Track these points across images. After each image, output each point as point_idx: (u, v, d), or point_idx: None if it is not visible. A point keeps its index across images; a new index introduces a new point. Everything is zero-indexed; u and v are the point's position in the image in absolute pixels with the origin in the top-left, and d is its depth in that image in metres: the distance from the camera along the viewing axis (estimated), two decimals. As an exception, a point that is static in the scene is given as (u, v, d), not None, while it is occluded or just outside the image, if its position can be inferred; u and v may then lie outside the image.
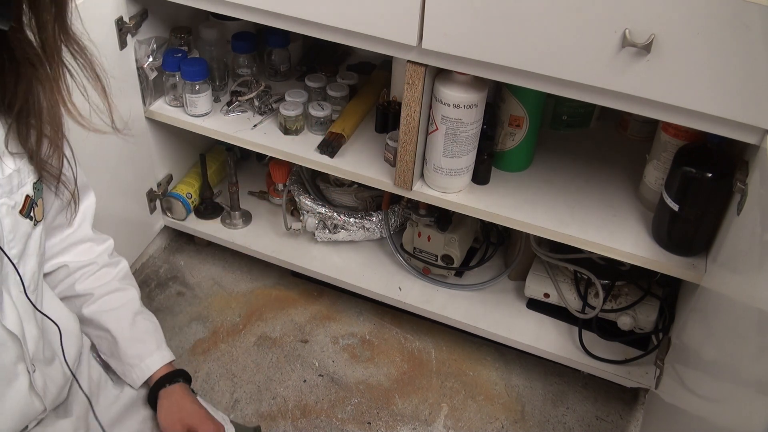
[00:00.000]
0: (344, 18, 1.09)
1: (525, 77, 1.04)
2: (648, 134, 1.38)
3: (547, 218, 1.22)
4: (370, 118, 1.42)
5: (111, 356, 0.96)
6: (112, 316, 0.94)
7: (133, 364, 0.94)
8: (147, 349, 0.95)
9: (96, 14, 1.23)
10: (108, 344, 0.95)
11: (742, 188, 0.98)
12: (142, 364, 0.95)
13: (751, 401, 0.67)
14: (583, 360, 1.36)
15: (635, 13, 0.91)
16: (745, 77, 0.90)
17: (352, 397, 1.42)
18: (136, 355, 0.95)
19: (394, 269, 1.53)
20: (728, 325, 0.87)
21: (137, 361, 0.94)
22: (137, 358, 0.95)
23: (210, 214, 1.63)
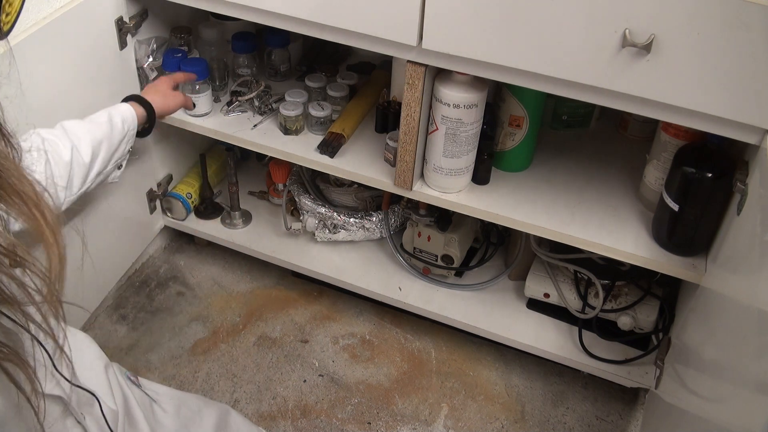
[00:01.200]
0: (344, 18, 1.09)
1: (525, 77, 1.04)
2: (648, 134, 1.38)
3: (547, 218, 1.22)
4: (370, 118, 1.42)
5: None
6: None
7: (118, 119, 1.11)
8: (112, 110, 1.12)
9: (96, 14, 1.23)
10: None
11: (742, 188, 0.98)
12: (119, 113, 1.12)
13: (751, 401, 0.67)
14: (583, 360, 1.36)
15: (635, 13, 0.91)
16: (745, 77, 0.90)
17: (352, 397, 1.42)
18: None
19: (394, 269, 1.53)
20: (728, 325, 0.87)
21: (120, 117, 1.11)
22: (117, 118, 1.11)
23: (210, 214, 1.63)
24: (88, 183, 1.06)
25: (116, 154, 1.12)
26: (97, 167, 1.07)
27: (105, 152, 1.08)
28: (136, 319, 1.55)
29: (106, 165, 1.10)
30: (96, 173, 1.07)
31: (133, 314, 1.56)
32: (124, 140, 1.13)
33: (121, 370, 0.95)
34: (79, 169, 1.03)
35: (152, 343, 1.50)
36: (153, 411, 0.95)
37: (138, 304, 1.58)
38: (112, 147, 1.10)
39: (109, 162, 1.10)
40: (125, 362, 1.45)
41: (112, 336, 1.51)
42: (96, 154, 1.06)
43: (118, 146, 1.11)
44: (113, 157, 1.11)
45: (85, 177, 1.05)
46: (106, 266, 1.49)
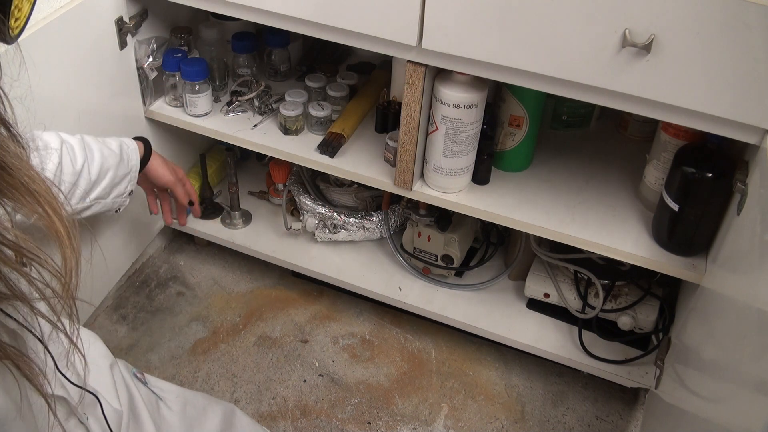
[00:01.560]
0: (344, 18, 1.09)
1: (525, 77, 1.04)
2: (648, 134, 1.38)
3: (547, 218, 1.22)
4: (370, 118, 1.42)
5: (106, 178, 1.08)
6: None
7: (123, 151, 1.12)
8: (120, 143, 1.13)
9: (96, 14, 1.23)
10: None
11: (742, 188, 0.98)
12: (129, 148, 1.13)
13: (751, 401, 0.67)
14: (583, 360, 1.36)
15: (635, 13, 0.91)
16: (746, 77, 0.90)
17: (352, 397, 1.42)
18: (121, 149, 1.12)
19: (394, 269, 1.53)
20: (728, 325, 0.87)
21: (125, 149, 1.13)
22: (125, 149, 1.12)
23: (210, 214, 1.63)
24: (86, 203, 1.06)
25: (118, 187, 1.12)
26: (98, 191, 1.07)
27: (109, 179, 1.08)
28: (136, 319, 1.55)
29: (107, 194, 1.10)
30: (95, 197, 1.07)
31: (133, 314, 1.56)
32: (127, 178, 1.13)
33: (127, 367, 0.95)
34: (84, 183, 1.04)
35: (152, 343, 1.50)
36: (159, 408, 0.95)
37: (138, 304, 1.58)
38: (116, 178, 1.10)
39: (109, 193, 1.10)
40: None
41: (112, 336, 1.51)
42: (102, 177, 1.07)
43: (121, 180, 1.12)
44: (114, 191, 1.11)
45: (85, 194, 1.05)
46: (106, 266, 1.49)
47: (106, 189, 1.09)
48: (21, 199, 0.49)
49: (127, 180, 1.14)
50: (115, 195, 1.12)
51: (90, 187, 1.05)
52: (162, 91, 1.43)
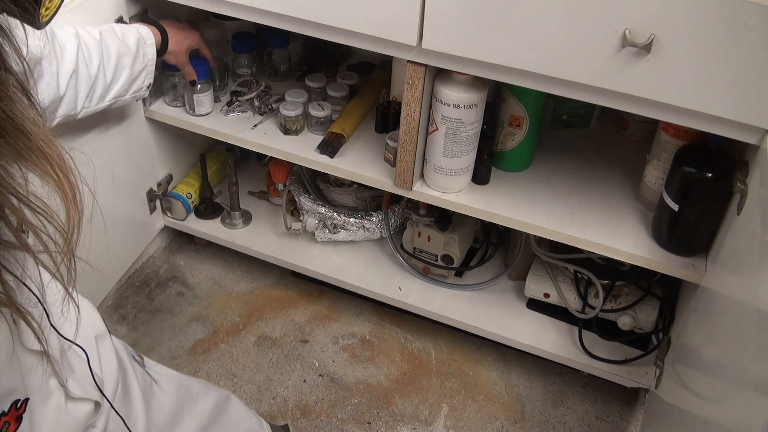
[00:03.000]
0: (344, 18, 1.09)
1: (525, 77, 1.04)
2: (648, 134, 1.38)
3: (547, 218, 1.22)
4: (370, 118, 1.42)
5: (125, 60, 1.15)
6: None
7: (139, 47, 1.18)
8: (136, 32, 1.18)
9: (96, 14, 1.23)
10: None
11: (742, 188, 0.98)
12: (146, 43, 1.19)
13: (751, 401, 0.67)
14: (583, 360, 1.36)
15: (635, 13, 0.91)
16: (745, 77, 0.90)
17: (352, 397, 1.42)
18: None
19: (394, 269, 1.53)
20: (728, 325, 0.87)
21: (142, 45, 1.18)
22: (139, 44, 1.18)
23: (210, 214, 1.63)
24: (106, 102, 1.15)
25: (135, 83, 1.20)
26: (115, 90, 1.16)
27: (126, 77, 1.16)
28: (136, 319, 1.55)
29: (125, 92, 1.18)
30: (113, 95, 1.16)
31: (133, 314, 1.56)
32: (143, 73, 1.20)
33: (126, 348, 0.96)
34: (100, 86, 1.12)
35: (152, 343, 1.50)
36: (152, 389, 0.96)
37: (138, 304, 1.58)
38: (133, 75, 1.18)
39: (128, 90, 1.19)
40: (125, 362, 1.45)
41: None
42: (118, 76, 1.15)
43: (137, 76, 1.19)
44: (132, 87, 1.19)
45: (104, 94, 1.14)
46: (107, 266, 1.49)
47: (124, 86, 1.17)
48: (36, 161, 0.54)
49: (144, 75, 1.21)
50: (133, 90, 1.20)
51: (107, 87, 1.14)
52: (162, 91, 1.43)
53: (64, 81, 1.05)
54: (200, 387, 1.06)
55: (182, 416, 0.99)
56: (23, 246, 0.57)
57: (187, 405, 1.01)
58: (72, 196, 0.57)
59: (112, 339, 0.92)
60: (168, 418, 0.96)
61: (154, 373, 0.99)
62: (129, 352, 0.96)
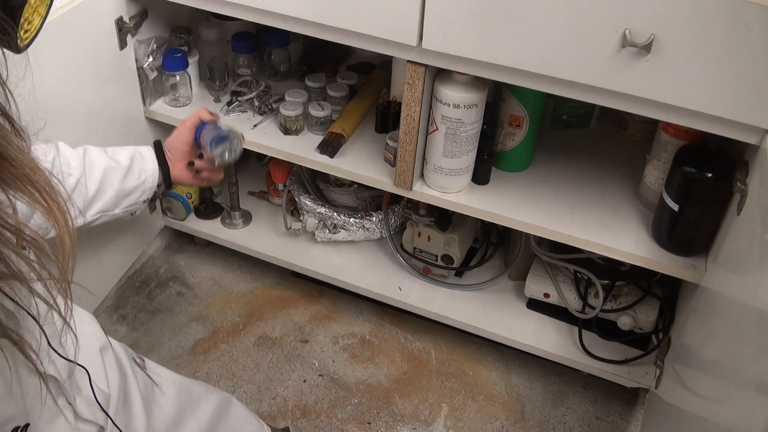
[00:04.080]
0: (344, 18, 1.09)
1: (525, 77, 1.04)
2: (648, 134, 1.38)
3: (547, 218, 1.22)
4: (370, 118, 1.42)
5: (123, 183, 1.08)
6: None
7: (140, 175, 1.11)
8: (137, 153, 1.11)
9: (96, 14, 1.23)
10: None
11: (742, 188, 0.98)
12: (144, 159, 1.11)
13: (751, 401, 0.67)
14: (583, 360, 1.36)
15: (635, 13, 0.91)
16: (746, 77, 0.90)
17: (352, 397, 1.42)
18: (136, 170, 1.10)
19: (394, 269, 1.53)
20: (728, 325, 0.87)
21: (142, 173, 1.11)
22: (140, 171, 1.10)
23: (210, 214, 1.63)
24: (87, 218, 1.05)
25: (127, 199, 1.10)
26: (99, 206, 1.06)
27: (112, 194, 1.07)
28: (136, 319, 1.55)
29: (112, 207, 1.09)
30: (97, 211, 1.06)
31: (133, 314, 1.56)
32: (138, 189, 1.11)
33: (127, 351, 0.95)
34: (79, 200, 1.03)
35: (152, 343, 1.50)
36: (153, 393, 0.96)
37: (138, 304, 1.58)
38: (123, 192, 1.09)
39: (116, 205, 1.09)
40: (125, 362, 1.45)
41: (112, 336, 1.50)
42: (102, 192, 1.05)
43: (130, 193, 1.10)
44: (123, 202, 1.10)
45: (84, 209, 1.04)
46: (106, 266, 1.49)
47: (110, 203, 1.07)
48: (22, 188, 0.53)
49: (139, 191, 1.11)
50: (125, 206, 1.11)
51: (88, 202, 1.04)
52: (162, 91, 1.43)
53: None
54: (202, 390, 1.06)
55: (183, 420, 0.99)
56: (16, 276, 0.55)
57: (188, 409, 1.00)
58: (63, 222, 0.56)
59: (113, 346, 0.92)
60: (169, 422, 0.96)
61: (156, 375, 0.99)
62: (130, 355, 0.96)
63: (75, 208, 1.01)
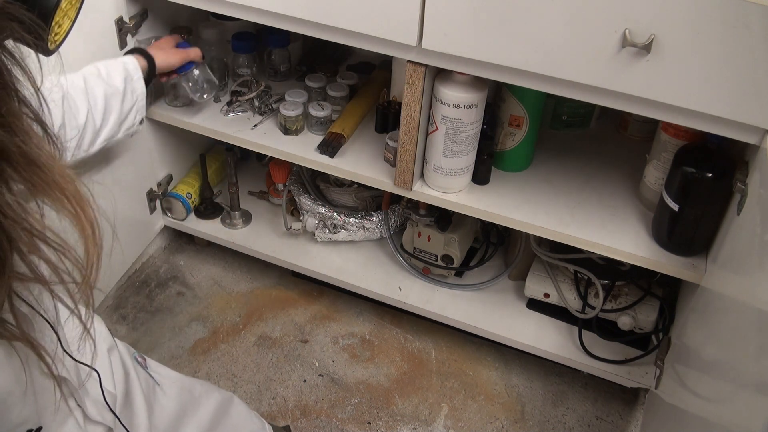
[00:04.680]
0: (344, 18, 1.09)
1: (525, 77, 1.04)
2: (648, 134, 1.38)
3: (547, 218, 1.22)
4: (370, 118, 1.42)
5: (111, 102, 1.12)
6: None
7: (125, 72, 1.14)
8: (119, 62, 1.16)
9: (96, 14, 1.23)
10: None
11: (742, 188, 0.98)
12: (133, 79, 1.15)
13: (751, 401, 0.67)
14: (583, 360, 1.36)
15: (635, 13, 0.91)
16: (746, 77, 0.90)
17: (352, 397, 1.42)
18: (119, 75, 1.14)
19: (394, 269, 1.53)
20: (728, 325, 0.87)
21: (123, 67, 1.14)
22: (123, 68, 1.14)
23: (210, 214, 1.63)
24: (96, 147, 1.12)
25: (126, 122, 1.17)
26: (105, 133, 1.13)
27: (115, 118, 1.13)
28: (136, 319, 1.55)
29: (116, 132, 1.16)
30: (104, 138, 1.13)
31: (133, 314, 1.56)
32: (133, 110, 1.18)
33: (129, 350, 0.96)
34: (90, 132, 1.09)
35: (152, 343, 1.50)
36: (154, 392, 0.96)
37: (138, 304, 1.58)
38: (122, 114, 1.15)
39: (118, 130, 1.16)
40: (125, 362, 1.45)
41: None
42: (107, 120, 1.12)
43: (127, 115, 1.17)
44: (122, 126, 1.17)
45: (93, 140, 1.11)
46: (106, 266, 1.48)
47: (114, 127, 1.14)
48: (52, 194, 0.53)
49: (134, 111, 1.18)
50: (125, 129, 1.18)
51: (96, 132, 1.11)
52: (162, 91, 1.43)
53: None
54: (203, 389, 1.06)
55: (185, 419, 0.99)
56: (39, 279, 0.55)
57: (189, 407, 1.01)
58: (91, 231, 0.56)
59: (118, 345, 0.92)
60: (171, 421, 0.96)
61: (157, 375, 0.99)
62: (132, 354, 0.96)
63: (86, 139, 1.09)
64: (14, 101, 0.51)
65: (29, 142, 0.51)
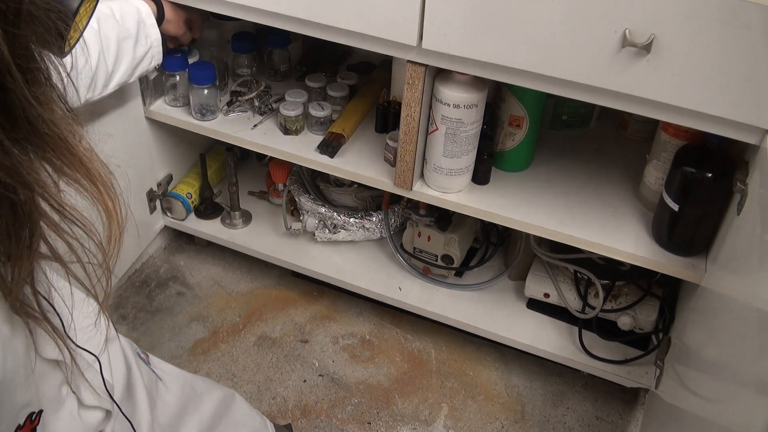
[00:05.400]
0: (344, 18, 1.09)
1: (525, 77, 1.04)
2: (648, 134, 1.38)
3: (547, 218, 1.22)
4: (370, 118, 1.42)
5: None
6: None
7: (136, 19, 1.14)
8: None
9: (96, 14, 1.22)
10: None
11: (742, 188, 0.98)
12: (146, 25, 1.15)
13: (751, 401, 0.67)
14: (583, 360, 1.36)
15: (635, 13, 0.91)
16: (745, 77, 0.90)
17: (352, 397, 1.42)
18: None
19: (394, 269, 1.53)
20: (728, 325, 0.87)
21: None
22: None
23: (210, 214, 1.63)
24: (109, 89, 1.14)
25: (140, 67, 1.19)
26: (118, 77, 1.14)
27: (128, 63, 1.15)
28: (136, 319, 1.55)
29: (129, 76, 1.17)
30: (117, 83, 1.14)
31: (133, 314, 1.56)
32: (147, 55, 1.19)
33: (131, 345, 0.96)
34: (102, 75, 1.10)
35: (152, 343, 1.50)
36: (156, 387, 0.96)
37: (138, 304, 1.58)
38: (135, 59, 1.16)
39: (132, 74, 1.18)
40: (125, 362, 1.45)
41: (112, 336, 1.51)
42: (119, 63, 1.13)
43: (141, 60, 1.18)
44: (136, 71, 1.18)
45: (106, 83, 1.12)
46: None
47: (128, 71, 1.16)
48: (78, 174, 0.55)
49: (149, 57, 1.19)
50: (139, 73, 1.20)
51: (109, 75, 1.12)
52: (162, 91, 1.43)
53: (63, 76, 1.03)
54: (205, 385, 1.06)
55: (187, 415, 0.99)
56: (57, 258, 0.56)
57: (191, 403, 1.01)
58: (114, 210, 0.57)
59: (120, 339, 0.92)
60: (173, 416, 0.96)
61: (159, 371, 0.99)
62: (135, 350, 0.96)
63: (99, 82, 1.10)
64: (45, 84, 0.52)
65: (59, 123, 0.52)
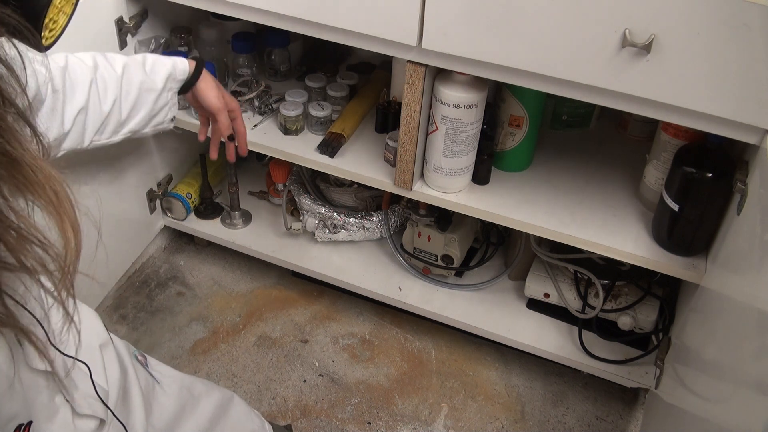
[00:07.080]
0: (344, 18, 1.09)
1: (525, 77, 1.04)
2: (648, 134, 1.38)
3: (547, 218, 1.22)
4: (370, 118, 1.42)
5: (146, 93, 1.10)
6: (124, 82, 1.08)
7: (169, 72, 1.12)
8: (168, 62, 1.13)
9: (96, 14, 1.23)
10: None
11: (742, 188, 0.98)
12: (177, 68, 1.13)
13: (751, 401, 0.67)
14: (583, 360, 1.36)
15: (635, 13, 0.91)
16: (746, 77, 0.90)
17: (352, 397, 1.42)
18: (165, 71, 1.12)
19: (394, 269, 1.53)
20: (728, 325, 0.87)
21: (171, 68, 1.12)
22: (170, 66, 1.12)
23: (210, 214, 1.63)
24: (119, 137, 1.11)
25: (156, 118, 1.15)
26: (131, 126, 1.11)
27: (145, 113, 1.12)
28: (136, 319, 1.55)
29: (143, 126, 1.14)
30: (128, 131, 1.12)
31: (133, 314, 1.56)
32: (165, 108, 1.15)
33: (129, 348, 0.95)
34: (113, 122, 1.08)
35: (152, 343, 1.50)
36: (153, 390, 0.96)
37: (138, 304, 1.58)
38: (153, 111, 1.13)
39: (147, 124, 1.14)
40: (125, 362, 1.45)
41: (112, 336, 1.51)
42: (135, 112, 1.10)
43: (158, 112, 1.15)
44: (152, 121, 1.15)
45: (117, 130, 1.10)
46: (107, 266, 1.49)
47: (143, 122, 1.13)
48: (36, 193, 0.54)
49: (166, 109, 1.16)
50: (154, 124, 1.16)
51: (121, 123, 1.09)
52: (162, 91, 1.43)
53: (70, 118, 1.00)
54: (203, 388, 1.05)
55: (184, 418, 0.99)
56: (28, 270, 0.55)
57: (189, 406, 1.00)
58: (72, 234, 0.57)
59: (114, 342, 0.92)
60: (170, 419, 0.96)
61: (157, 373, 0.99)
62: (132, 352, 0.95)
63: (109, 127, 1.08)
64: None
65: (12, 142, 0.51)
